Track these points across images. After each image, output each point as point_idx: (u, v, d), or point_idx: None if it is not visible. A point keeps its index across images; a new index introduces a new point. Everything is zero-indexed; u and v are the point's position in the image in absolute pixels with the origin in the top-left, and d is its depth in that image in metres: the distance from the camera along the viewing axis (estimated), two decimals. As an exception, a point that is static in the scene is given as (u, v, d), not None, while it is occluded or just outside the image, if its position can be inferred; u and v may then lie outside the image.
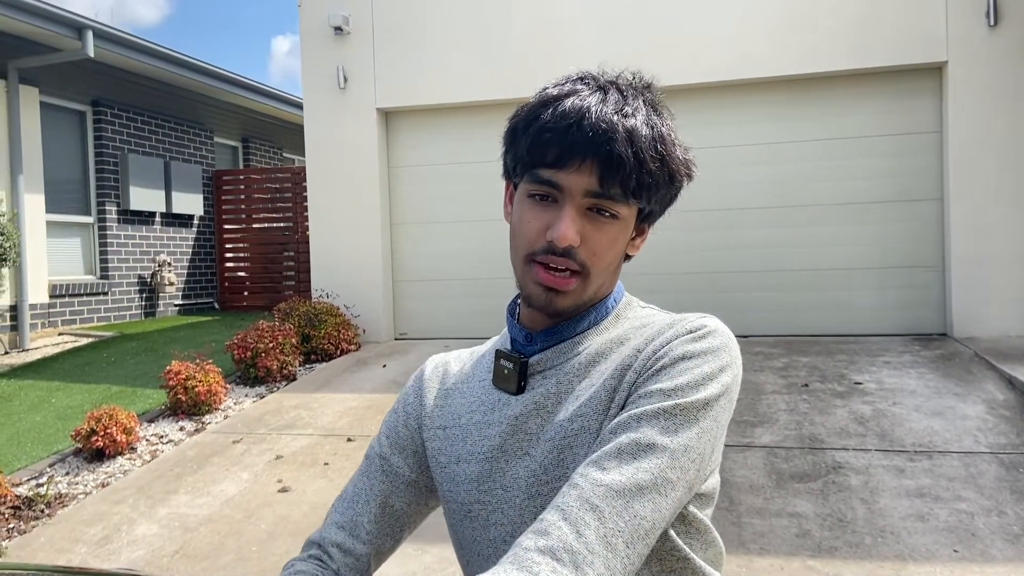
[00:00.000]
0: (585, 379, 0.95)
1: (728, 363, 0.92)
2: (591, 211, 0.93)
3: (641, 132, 0.91)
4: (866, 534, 3.42)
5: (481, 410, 1.02)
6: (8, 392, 6.25)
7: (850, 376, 5.47)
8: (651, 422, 0.84)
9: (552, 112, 0.93)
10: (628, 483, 0.79)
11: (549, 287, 0.94)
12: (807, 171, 6.90)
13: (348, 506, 1.07)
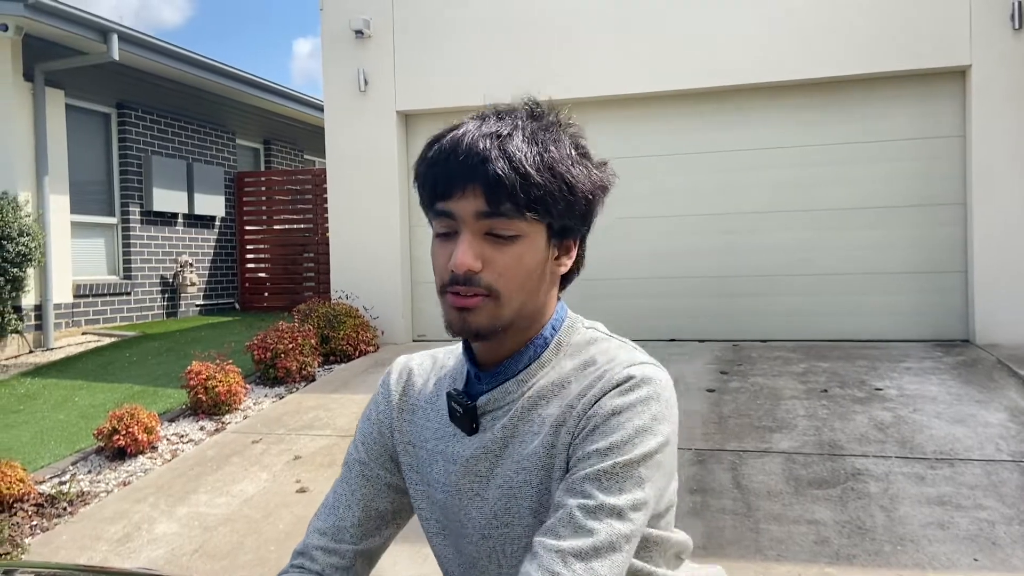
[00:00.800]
0: (529, 423, 0.98)
1: (660, 412, 0.94)
2: (490, 235, 0.94)
3: (520, 148, 0.93)
4: (885, 542, 3.39)
5: (443, 440, 1.05)
6: (32, 390, 6.34)
7: (870, 382, 5.42)
8: (595, 484, 0.88)
9: (436, 148, 0.97)
10: (584, 547, 0.85)
11: (459, 308, 0.96)
12: (828, 175, 6.85)
13: (330, 512, 1.09)
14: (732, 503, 3.83)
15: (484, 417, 1.01)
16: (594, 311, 5.28)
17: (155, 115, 9.53)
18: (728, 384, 5.61)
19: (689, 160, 7.17)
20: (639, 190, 7.28)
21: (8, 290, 7.35)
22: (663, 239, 7.26)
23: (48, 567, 2.07)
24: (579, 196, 0.98)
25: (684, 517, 3.70)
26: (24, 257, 7.38)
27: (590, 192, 0.99)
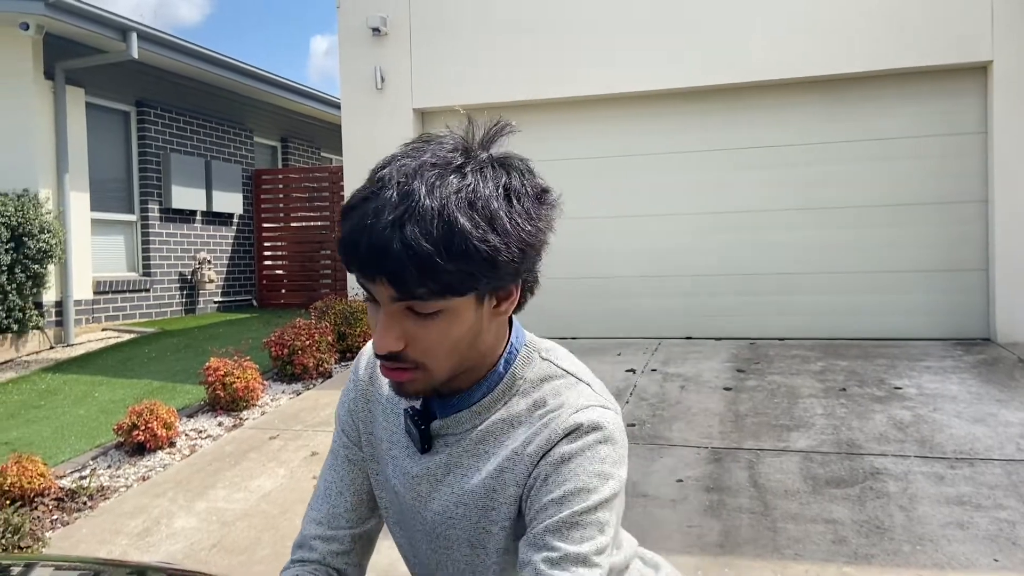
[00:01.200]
0: (475, 457, 0.98)
1: (610, 456, 0.92)
2: (410, 311, 0.89)
3: (423, 234, 0.84)
4: (904, 541, 3.36)
5: (396, 446, 1.05)
6: (53, 386, 6.41)
7: (890, 381, 5.38)
8: (556, 536, 0.88)
9: (348, 227, 0.89)
10: None
11: (394, 381, 0.95)
12: (848, 172, 6.80)
13: (323, 501, 1.10)
14: (749, 502, 3.81)
15: (436, 440, 1.01)
16: (608, 311, 5.34)
17: (174, 113, 9.60)
18: (745, 382, 5.58)
19: (703, 158, 7.14)
20: (653, 187, 7.26)
21: (29, 286, 7.43)
22: (677, 236, 7.23)
23: (68, 560, 2.09)
24: (503, 264, 0.89)
25: (699, 516, 3.69)
26: (45, 254, 7.45)
27: (518, 251, 0.90)
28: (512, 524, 0.95)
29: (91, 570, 1.53)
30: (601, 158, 7.39)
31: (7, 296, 7.21)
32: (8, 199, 7.27)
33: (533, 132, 7.59)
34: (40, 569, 1.53)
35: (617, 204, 7.35)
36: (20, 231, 7.22)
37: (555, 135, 7.49)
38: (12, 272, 7.21)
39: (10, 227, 7.12)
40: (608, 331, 7.35)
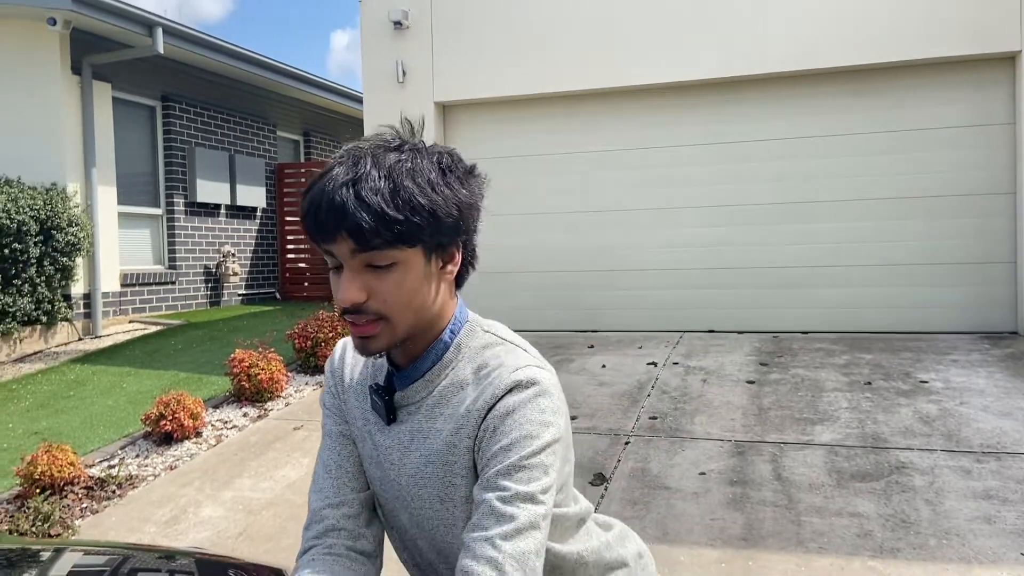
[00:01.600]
0: (433, 420, 1.10)
1: (548, 406, 1.03)
2: (369, 267, 1.03)
3: (374, 191, 0.99)
4: (930, 536, 3.34)
5: (369, 423, 1.17)
6: (82, 377, 6.51)
7: (915, 374, 5.33)
8: (506, 478, 0.99)
9: (307, 200, 1.04)
10: (508, 530, 0.96)
11: (360, 336, 1.06)
12: (873, 164, 6.73)
13: (325, 477, 1.18)
14: (772, 495, 3.80)
15: (399, 411, 1.13)
16: (629, 304, 5.34)
17: (198, 107, 9.69)
18: (768, 376, 5.55)
19: (727, 150, 7.09)
20: (675, 180, 7.23)
21: (58, 279, 7.54)
22: (699, 229, 7.19)
23: (98, 545, 2.13)
24: (443, 218, 1.04)
25: (722, 509, 3.69)
26: (73, 247, 7.57)
27: (455, 210, 1.05)
28: (470, 474, 1.06)
29: (120, 554, 1.56)
30: (623, 150, 7.37)
31: (36, 288, 7.33)
32: (37, 193, 7.38)
33: (552, 124, 7.61)
34: (70, 553, 1.56)
35: (638, 197, 7.33)
36: (49, 224, 7.33)
37: (575, 127, 7.47)
38: (41, 265, 7.32)
39: (39, 220, 7.23)
40: (629, 324, 7.34)
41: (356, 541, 1.14)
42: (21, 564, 1.46)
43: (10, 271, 7.07)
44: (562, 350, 6.63)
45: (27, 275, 7.19)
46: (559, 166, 7.53)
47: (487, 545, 0.95)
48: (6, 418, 5.60)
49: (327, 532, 1.13)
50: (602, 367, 5.98)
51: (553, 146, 7.57)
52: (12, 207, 6.99)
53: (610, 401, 5.21)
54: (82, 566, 1.46)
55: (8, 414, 5.69)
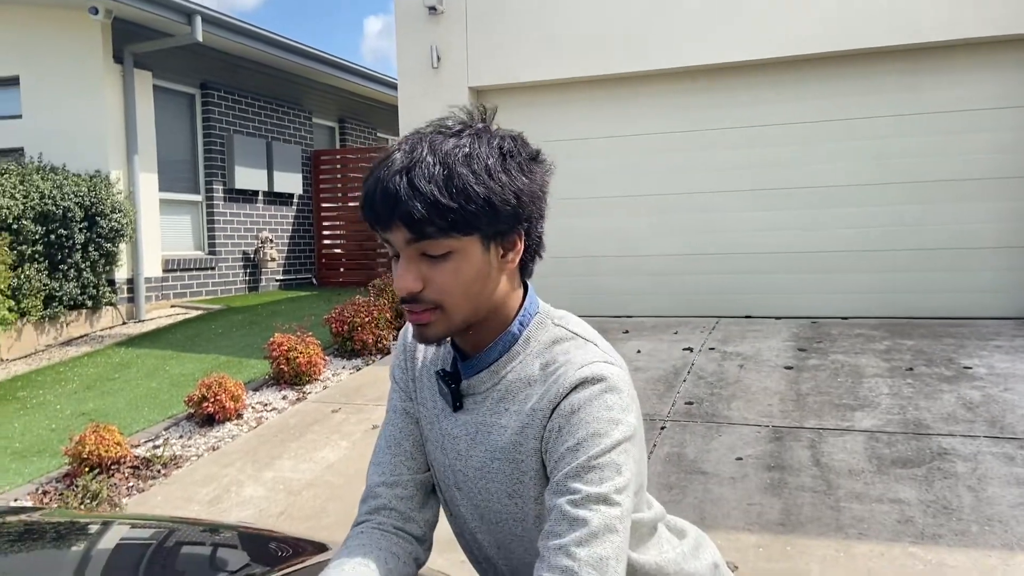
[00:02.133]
0: (498, 415, 1.07)
1: (617, 403, 0.99)
2: (424, 255, 1.01)
3: (427, 179, 0.97)
4: (972, 522, 3.29)
5: (437, 408, 1.15)
6: (126, 360, 6.66)
7: (958, 360, 5.23)
8: (576, 479, 0.95)
9: (365, 187, 1.04)
10: (583, 536, 0.92)
11: (416, 324, 1.05)
12: (917, 146, 6.59)
13: (384, 453, 1.18)
14: (811, 480, 3.77)
15: (466, 399, 1.11)
16: (665, 289, 5.29)
17: (236, 95, 9.81)
18: (807, 361, 5.49)
19: (764, 133, 6.99)
20: (714, 164, 7.15)
21: (102, 264, 7.71)
22: (737, 214, 7.12)
23: (145, 518, 2.19)
24: (500, 206, 1.01)
25: (760, 494, 3.67)
26: (117, 233, 7.73)
27: (513, 198, 1.03)
28: (538, 475, 1.03)
29: (167, 527, 1.60)
30: (658, 134, 7.30)
31: (82, 273, 7.50)
32: (81, 179, 7.54)
33: (586, 109, 7.56)
34: (119, 526, 1.60)
35: (673, 182, 7.26)
36: (93, 211, 7.49)
37: (609, 112, 7.42)
38: (86, 250, 7.49)
39: (84, 207, 7.39)
40: (664, 310, 7.30)
41: (406, 523, 1.14)
42: (71, 535, 1.51)
43: (56, 256, 7.25)
44: (597, 335, 6.62)
45: (73, 260, 7.36)
46: (595, 151, 7.49)
47: (561, 554, 0.92)
48: (54, 399, 5.76)
49: (379, 510, 1.14)
50: (637, 352, 5.97)
51: (587, 131, 7.53)
52: (58, 194, 7.15)
53: (645, 386, 5.20)
54: (130, 537, 1.50)
55: (56, 395, 5.84)
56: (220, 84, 9.57)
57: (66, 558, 1.36)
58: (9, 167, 7.17)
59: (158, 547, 1.41)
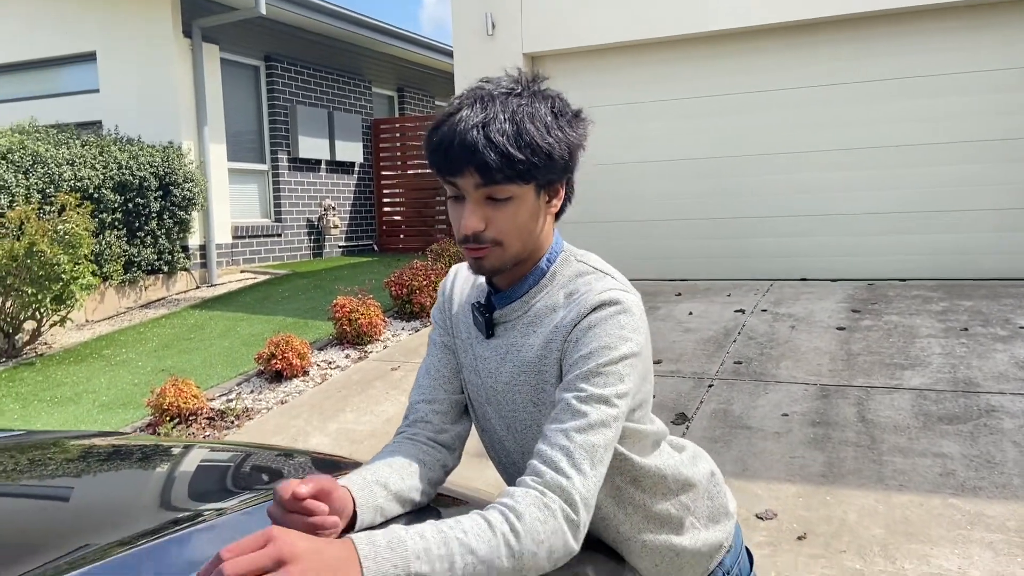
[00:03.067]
0: (527, 336, 1.23)
1: (628, 324, 1.15)
2: (489, 199, 1.16)
3: (502, 133, 1.12)
4: (1015, 475, 3.33)
5: (471, 337, 1.32)
6: (200, 321, 7.04)
7: (1016, 320, 5.17)
8: (584, 381, 1.11)
9: (437, 137, 1.16)
10: (581, 424, 1.08)
11: (475, 258, 1.20)
12: (974, 105, 6.43)
13: (424, 377, 1.35)
14: (855, 436, 3.84)
15: (497, 327, 1.27)
16: (719, 252, 5.41)
17: (299, 67, 10.08)
18: (860, 322, 5.50)
19: (819, 93, 6.90)
20: (768, 127, 7.10)
21: (176, 231, 8.12)
22: (792, 175, 7.07)
23: (223, 444, 2.42)
24: (556, 159, 1.16)
25: (803, 448, 3.76)
26: (189, 201, 8.11)
27: (567, 152, 1.18)
28: (557, 381, 1.18)
29: (243, 452, 1.81)
30: (712, 97, 7.28)
31: (158, 240, 7.91)
32: (155, 150, 7.92)
33: (641, 72, 7.57)
34: (198, 450, 1.81)
35: (729, 145, 7.24)
36: (167, 180, 7.87)
37: (665, 74, 7.42)
38: (161, 218, 7.89)
39: (158, 176, 7.77)
40: (719, 273, 7.33)
41: (439, 434, 1.30)
42: (156, 456, 1.72)
43: (134, 224, 7.66)
44: (649, 298, 6.71)
45: (149, 228, 7.77)
46: (649, 115, 7.51)
47: (561, 435, 1.07)
48: (136, 357, 6.15)
49: (416, 422, 1.31)
50: (689, 314, 6.05)
51: (642, 95, 7.54)
52: (134, 164, 7.54)
53: (695, 346, 5.30)
54: (209, 459, 1.70)
55: (138, 353, 6.24)
56: (283, 56, 9.85)
57: (152, 473, 1.57)
58: (89, 139, 7.57)
59: (237, 465, 1.61)
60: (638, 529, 1.26)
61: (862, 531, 3.05)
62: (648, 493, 1.24)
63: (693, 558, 1.29)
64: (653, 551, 1.27)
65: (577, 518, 1.03)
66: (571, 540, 1.02)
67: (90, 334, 7.01)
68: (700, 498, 1.31)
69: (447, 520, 0.97)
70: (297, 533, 0.88)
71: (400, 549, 0.91)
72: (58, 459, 1.55)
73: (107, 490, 1.37)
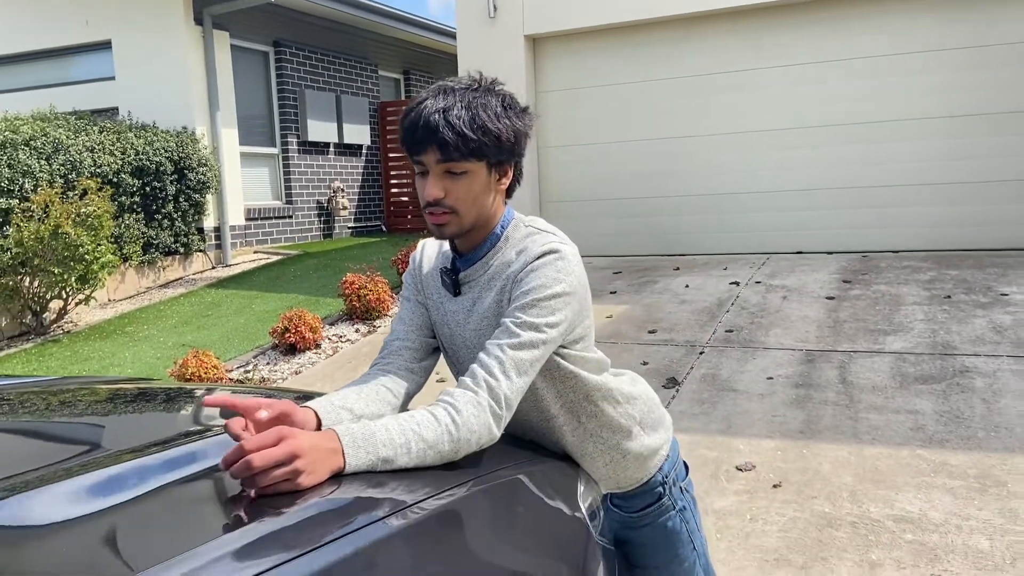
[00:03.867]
0: (488, 290, 1.46)
1: (563, 267, 1.38)
2: (448, 173, 1.39)
3: (459, 118, 1.34)
4: (979, 428, 3.56)
5: (441, 297, 1.56)
6: (217, 299, 7.33)
7: (997, 288, 5.38)
8: (520, 311, 1.36)
9: (407, 121, 1.39)
10: (512, 342, 1.33)
11: (436, 224, 1.43)
12: (965, 80, 6.59)
13: (397, 324, 1.60)
14: (835, 396, 4.08)
15: (463, 286, 1.50)
16: (717, 226, 5.72)
17: (306, 51, 10.29)
18: (849, 292, 5.71)
19: (813, 71, 7.08)
20: (762, 104, 7.28)
21: (192, 214, 8.39)
22: (787, 151, 7.26)
23: (244, 387, 2.69)
24: (504, 142, 1.39)
25: (784, 407, 4.00)
26: (203, 185, 8.37)
27: (513, 137, 1.40)
28: None
29: (263, 392, 2.06)
30: (705, 75, 7.45)
31: (174, 223, 8.19)
32: (170, 136, 8.18)
33: (636, 54, 7.75)
34: (221, 392, 2.05)
35: (723, 122, 7.43)
36: (182, 165, 8.13)
37: (669, 54, 7.59)
38: (177, 201, 8.17)
39: (173, 161, 8.04)
40: (716, 248, 7.54)
41: (410, 363, 1.54)
42: (180, 398, 1.97)
43: (152, 207, 7.94)
44: (648, 272, 6.94)
45: (166, 211, 8.05)
46: (646, 94, 7.70)
47: (497, 348, 1.32)
48: (157, 333, 6.45)
49: (388, 355, 1.55)
50: (685, 287, 6.28)
51: (637, 75, 7.73)
52: (150, 150, 7.81)
53: (689, 317, 5.53)
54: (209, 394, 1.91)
55: (159, 330, 6.54)
56: (291, 41, 10.06)
57: (174, 414, 1.82)
58: (106, 125, 7.84)
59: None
60: (591, 436, 1.52)
61: (834, 480, 3.30)
62: (599, 405, 1.50)
63: (636, 460, 1.54)
64: (603, 453, 1.53)
65: (501, 412, 1.29)
66: (495, 429, 1.29)
67: (113, 312, 7.32)
68: (642, 409, 1.57)
69: (404, 415, 1.25)
70: (299, 431, 1.14)
71: (371, 439, 1.18)
72: (96, 396, 1.82)
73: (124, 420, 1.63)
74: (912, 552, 2.74)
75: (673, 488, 1.60)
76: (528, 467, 1.33)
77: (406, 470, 1.20)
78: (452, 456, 1.24)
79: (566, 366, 1.46)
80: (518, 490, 1.27)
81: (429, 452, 1.21)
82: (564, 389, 1.48)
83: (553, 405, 1.48)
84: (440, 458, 1.23)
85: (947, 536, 2.81)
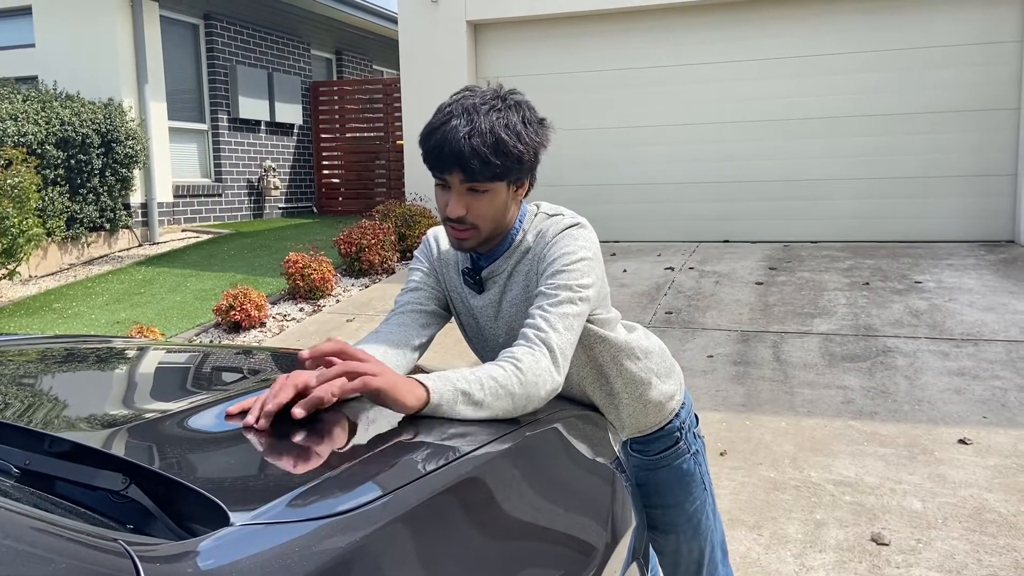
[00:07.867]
0: (514, 279, 1.55)
1: (583, 237, 1.49)
2: (470, 191, 1.45)
3: (482, 142, 1.39)
4: (905, 403, 3.89)
5: (463, 293, 1.62)
6: (148, 277, 7.14)
7: (912, 276, 5.81)
8: (552, 278, 1.44)
9: (430, 143, 1.44)
10: (552, 302, 1.41)
11: (457, 239, 1.50)
12: (882, 81, 7.05)
13: (410, 285, 1.65)
14: (771, 372, 4.36)
15: (486, 282, 1.57)
16: (649, 215, 5.99)
17: (238, 26, 10.05)
18: (776, 278, 6.05)
19: (742, 68, 7.41)
20: (692, 98, 7.57)
21: (118, 189, 8.12)
22: (716, 144, 7.58)
23: (190, 343, 2.70)
24: (525, 162, 1.46)
25: (726, 383, 4.25)
26: (131, 159, 8.11)
27: (533, 155, 1.48)
28: None
29: (204, 350, 2.04)
30: (646, 68, 7.70)
31: (100, 197, 7.91)
32: (97, 107, 7.88)
33: (579, 43, 7.93)
34: (185, 351, 2.06)
35: (658, 114, 7.70)
36: (109, 138, 7.85)
37: (598, 45, 7.79)
38: (103, 175, 7.89)
39: (100, 134, 7.76)
40: (649, 235, 7.81)
41: (413, 328, 1.59)
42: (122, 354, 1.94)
43: (76, 180, 7.65)
44: (587, 256, 7.14)
45: (91, 185, 7.76)
46: (580, 85, 7.88)
47: (539, 311, 1.40)
48: (88, 310, 6.25)
49: (395, 314, 1.61)
50: (623, 272, 6.50)
51: (572, 66, 7.90)
52: (76, 121, 7.51)
53: (630, 299, 5.75)
54: (168, 360, 1.89)
55: (89, 307, 6.34)
56: (222, 15, 9.81)
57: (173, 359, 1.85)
58: (30, 94, 7.50)
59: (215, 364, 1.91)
60: (617, 392, 1.65)
61: (776, 448, 3.55)
62: (623, 364, 1.63)
63: (655, 407, 1.69)
64: (628, 404, 1.66)
65: (558, 361, 1.38)
66: (557, 376, 1.37)
67: (36, 289, 7.04)
68: (657, 361, 1.70)
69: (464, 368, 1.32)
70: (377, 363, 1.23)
71: (447, 377, 1.26)
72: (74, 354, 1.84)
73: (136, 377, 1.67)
74: (852, 512, 3.00)
75: (688, 433, 1.75)
76: (564, 416, 1.46)
77: (466, 422, 1.24)
78: (523, 403, 1.30)
79: (595, 330, 1.57)
80: (560, 437, 1.39)
81: (501, 392, 1.27)
82: (593, 354, 1.59)
83: (583, 368, 1.60)
84: (512, 401, 1.28)
85: (883, 498, 3.09)
